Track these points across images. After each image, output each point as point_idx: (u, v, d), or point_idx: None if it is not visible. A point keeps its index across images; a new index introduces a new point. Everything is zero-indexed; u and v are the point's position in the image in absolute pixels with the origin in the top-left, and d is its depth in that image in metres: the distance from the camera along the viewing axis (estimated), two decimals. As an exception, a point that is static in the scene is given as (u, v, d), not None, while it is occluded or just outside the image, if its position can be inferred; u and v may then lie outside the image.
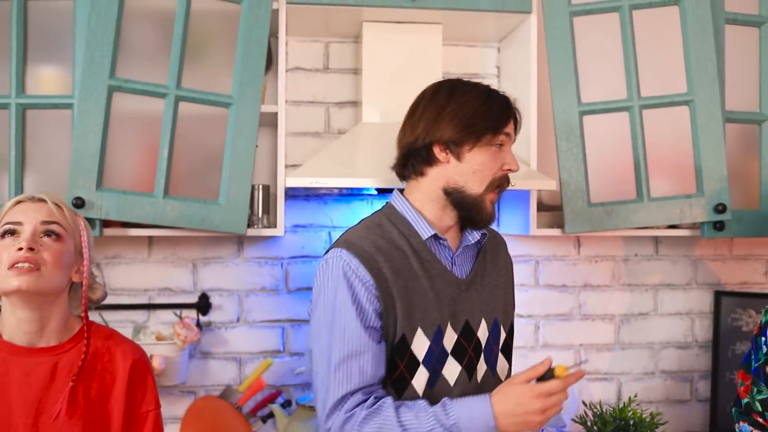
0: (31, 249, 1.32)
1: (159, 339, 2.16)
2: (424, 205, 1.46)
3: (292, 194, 2.23)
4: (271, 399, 2.21)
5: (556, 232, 2.06)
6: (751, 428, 1.65)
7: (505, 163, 1.45)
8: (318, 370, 1.40)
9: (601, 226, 2.00)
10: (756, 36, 2.11)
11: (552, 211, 2.16)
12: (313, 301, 1.43)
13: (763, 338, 1.67)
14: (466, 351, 1.45)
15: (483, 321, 1.48)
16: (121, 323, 2.15)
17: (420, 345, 1.40)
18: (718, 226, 2.03)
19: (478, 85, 1.49)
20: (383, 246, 1.41)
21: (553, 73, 2.01)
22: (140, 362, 1.46)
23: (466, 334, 1.45)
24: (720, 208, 1.99)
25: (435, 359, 1.41)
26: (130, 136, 1.87)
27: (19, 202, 1.39)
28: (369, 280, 1.37)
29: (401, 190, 1.50)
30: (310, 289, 2.27)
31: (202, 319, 2.22)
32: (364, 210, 2.28)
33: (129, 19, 1.84)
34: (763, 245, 2.48)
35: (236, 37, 1.89)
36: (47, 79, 1.89)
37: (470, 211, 1.45)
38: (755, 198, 2.11)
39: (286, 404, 2.21)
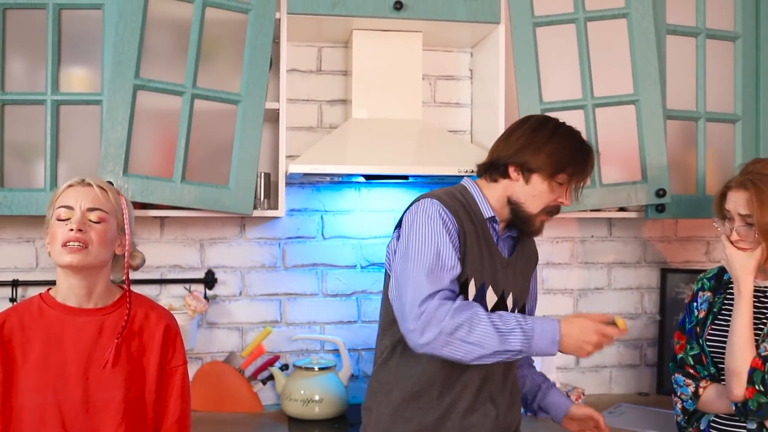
0: (80, 230, 1.58)
1: (170, 310, 2.42)
2: (489, 198, 1.74)
3: (289, 182, 2.51)
4: (270, 363, 2.49)
5: (521, 214, 2.36)
6: (684, 378, 1.97)
7: (560, 196, 1.73)
8: (407, 281, 1.58)
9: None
10: (693, 45, 2.42)
11: (518, 196, 2.46)
12: (405, 233, 1.65)
13: (695, 304, 1.99)
14: (498, 311, 1.72)
15: (511, 296, 1.76)
16: (137, 296, 2.42)
17: (471, 291, 1.67)
18: (660, 208, 2.34)
19: (574, 131, 1.77)
20: (459, 208, 1.69)
21: (518, 75, 2.31)
22: (171, 325, 1.72)
23: (500, 302, 1.74)
24: (661, 193, 2.30)
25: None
26: (151, 128, 2.13)
27: (70, 186, 1.64)
28: (454, 223, 1.64)
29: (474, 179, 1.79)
30: (305, 266, 2.56)
31: (209, 293, 2.49)
32: (352, 196, 2.57)
33: (151, 26, 2.11)
34: (705, 228, 2.80)
35: (244, 42, 2.16)
36: (78, 78, 2.15)
37: (522, 224, 1.75)
38: (692, 184, 2.43)
39: (283, 367, 2.49)
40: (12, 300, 2.39)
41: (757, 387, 1.71)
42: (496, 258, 1.74)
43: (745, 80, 2.45)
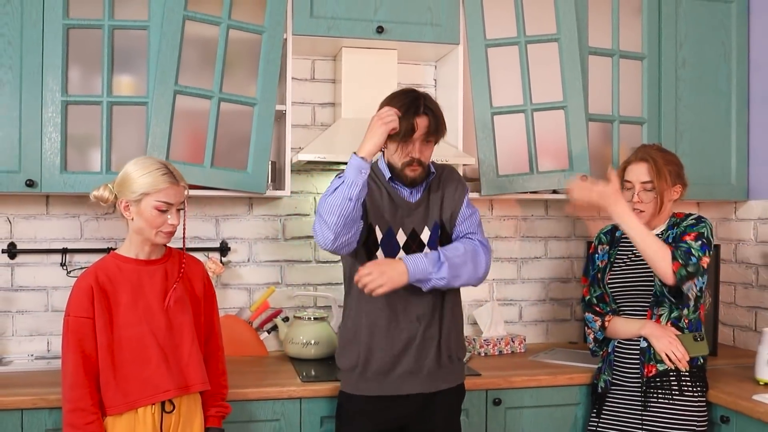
0: (173, 224, 2.13)
1: (193, 273, 2.97)
2: (390, 163, 2.30)
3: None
4: (274, 316, 3.06)
5: (475, 195, 2.96)
6: (592, 315, 2.61)
7: (409, 152, 2.23)
8: None
9: (506, 190, 2.92)
10: (609, 63, 3.06)
11: (473, 181, 3.07)
12: None
13: (597, 255, 2.64)
14: (411, 246, 2.28)
15: (426, 228, 2.30)
16: (165, 261, 2.96)
17: (378, 235, 2.26)
18: (583, 190, 2.99)
19: (399, 96, 2.22)
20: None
21: (473, 85, 2.91)
22: (204, 267, 2.31)
23: (413, 236, 2.30)
24: (583, 179, 2.94)
25: (388, 247, 2.27)
26: (187, 124, 2.68)
27: (170, 183, 2.09)
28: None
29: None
30: (301, 238, 3.13)
31: (223, 259, 3.05)
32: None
33: (187, 44, 2.65)
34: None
35: (259, 57, 2.72)
36: (126, 84, 2.68)
37: (397, 177, 2.28)
38: (608, 172, 3.08)
39: (285, 319, 3.06)
40: (62, 265, 2.91)
41: (680, 261, 2.32)
42: (400, 206, 2.27)
43: (650, 91, 3.10)
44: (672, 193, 2.51)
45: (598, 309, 2.59)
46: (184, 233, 2.26)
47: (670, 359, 2.39)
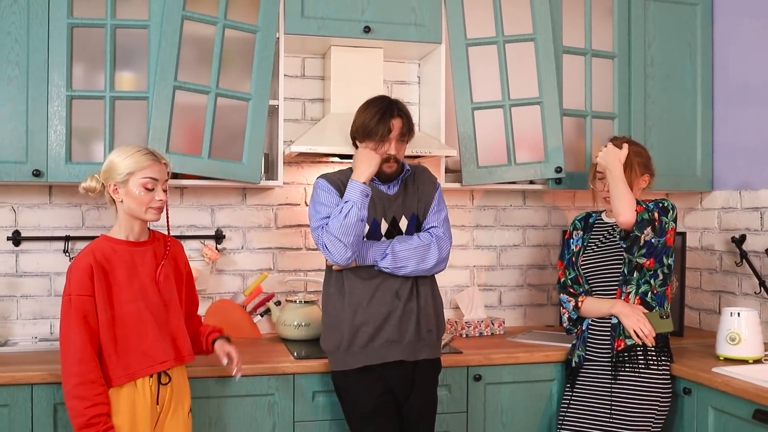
0: (161, 200, 2.28)
1: (189, 260, 3.13)
2: None
3: (280, 161, 3.24)
4: (266, 300, 3.23)
5: (456, 185, 3.14)
6: (567, 296, 2.80)
7: (386, 150, 2.47)
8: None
9: (485, 180, 3.10)
10: (582, 61, 3.25)
11: (455, 172, 3.25)
12: (311, 201, 2.51)
13: (572, 240, 2.83)
14: (392, 233, 2.51)
15: (403, 217, 2.53)
16: (163, 248, 3.12)
17: (366, 226, 2.46)
18: (558, 181, 3.17)
19: (371, 102, 2.51)
20: (342, 177, 2.49)
21: (455, 81, 3.09)
22: (181, 246, 2.48)
23: (393, 224, 2.52)
24: (558, 170, 3.12)
25: (375, 236, 2.48)
26: (185, 118, 2.83)
27: (152, 161, 2.24)
28: (333, 190, 2.46)
29: None
30: (292, 226, 3.30)
31: (218, 246, 3.21)
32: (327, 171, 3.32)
33: (185, 42, 2.81)
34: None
35: (253, 54, 2.89)
36: (128, 80, 2.83)
37: (377, 174, 2.49)
38: (582, 163, 3.25)
39: (277, 303, 3.23)
40: (65, 252, 3.06)
41: (643, 206, 2.51)
42: (381, 199, 2.52)
43: (620, 88, 3.29)
44: (641, 182, 2.72)
45: (572, 290, 2.78)
46: (167, 215, 2.42)
47: (638, 335, 2.59)
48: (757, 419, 2.30)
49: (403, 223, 2.55)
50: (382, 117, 2.45)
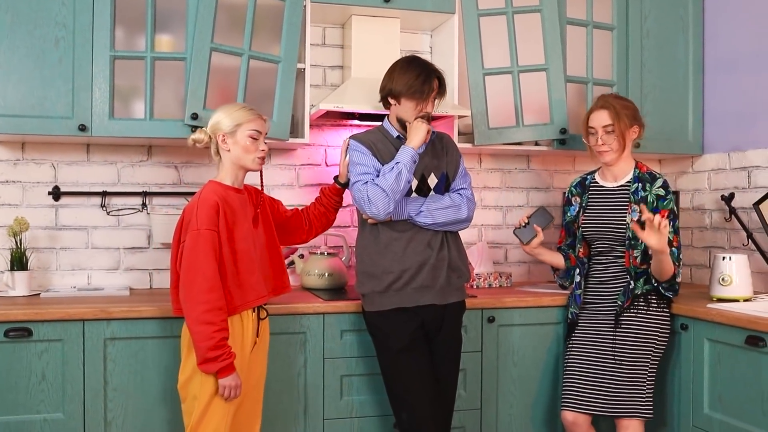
0: (264, 150, 2.52)
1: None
2: (393, 122, 2.74)
3: (302, 124, 3.45)
4: (291, 253, 3.43)
5: (468, 146, 3.37)
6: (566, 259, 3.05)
7: (422, 108, 2.69)
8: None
9: (495, 140, 3.34)
10: (584, 32, 3.50)
11: (466, 135, 3.48)
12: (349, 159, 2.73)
13: (569, 207, 3.07)
14: (422, 189, 2.73)
15: (432, 174, 2.76)
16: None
17: None
18: (562, 141, 3.42)
19: (412, 61, 2.68)
20: (372, 138, 2.71)
21: (467, 49, 3.33)
22: (268, 196, 2.72)
23: (423, 181, 2.75)
24: (562, 131, 3.37)
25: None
26: (221, 78, 3.04)
27: (257, 116, 2.51)
28: (365, 149, 2.67)
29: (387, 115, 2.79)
30: (313, 185, 3.52)
31: (245, 203, 3.41)
32: (346, 133, 3.54)
33: (221, 7, 3.01)
34: (594, 163, 3.90)
35: (282, 21, 3.10)
36: (166, 42, 3.03)
37: (405, 130, 2.72)
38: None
39: (301, 256, 3.44)
40: (102, 206, 3.25)
41: (676, 264, 2.77)
42: None
43: (618, 57, 3.54)
44: (631, 132, 2.90)
45: (571, 254, 3.04)
46: (261, 171, 2.64)
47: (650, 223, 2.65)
48: (749, 344, 2.56)
49: (432, 180, 2.76)
50: (426, 78, 2.64)
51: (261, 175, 2.67)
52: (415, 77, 2.65)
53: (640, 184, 2.88)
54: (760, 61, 3.35)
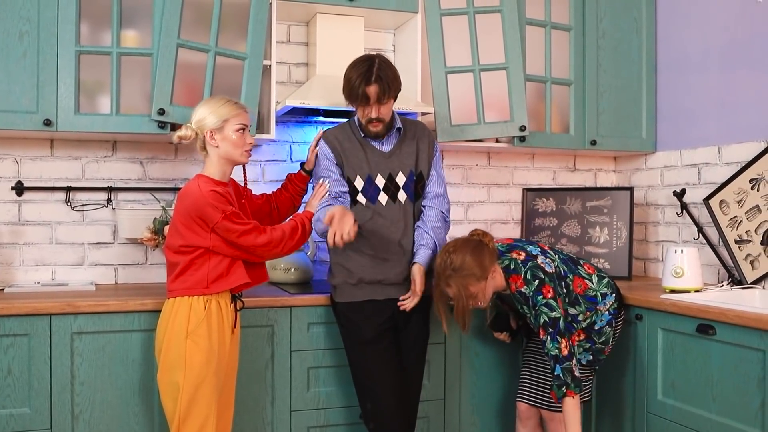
0: (251, 143, 2.58)
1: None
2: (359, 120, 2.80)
3: (268, 120, 3.49)
4: (256, 248, 3.47)
5: (432, 142, 3.46)
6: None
7: (368, 114, 2.73)
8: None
9: (457, 137, 3.41)
10: (543, 32, 3.60)
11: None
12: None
13: None
14: (390, 188, 2.80)
15: (401, 173, 2.83)
16: (151, 199, 3.34)
17: (359, 183, 2.75)
18: (522, 138, 3.52)
19: (355, 64, 2.70)
20: (339, 134, 2.77)
21: (430, 48, 3.39)
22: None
23: (390, 180, 2.81)
24: (522, 128, 3.47)
25: (369, 191, 2.76)
26: (188, 74, 3.06)
27: (242, 109, 2.58)
28: (328, 148, 2.75)
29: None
30: (279, 180, 3.55)
31: (210, 199, 3.44)
32: (311, 131, 3.59)
33: (188, 4, 3.02)
34: (552, 160, 4.02)
35: (248, 18, 3.13)
36: (132, 38, 3.04)
37: (363, 130, 2.79)
38: (542, 124, 3.60)
39: (266, 251, 3.47)
40: (66, 202, 3.25)
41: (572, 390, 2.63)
42: (376, 155, 2.78)
43: (575, 57, 3.66)
44: (490, 281, 2.70)
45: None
46: (244, 166, 2.74)
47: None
48: (700, 332, 2.68)
49: (401, 179, 2.81)
50: (362, 82, 2.64)
51: (244, 168, 2.72)
52: (350, 84, 2.68)
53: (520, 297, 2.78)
54: (709, 60, 3.49)
